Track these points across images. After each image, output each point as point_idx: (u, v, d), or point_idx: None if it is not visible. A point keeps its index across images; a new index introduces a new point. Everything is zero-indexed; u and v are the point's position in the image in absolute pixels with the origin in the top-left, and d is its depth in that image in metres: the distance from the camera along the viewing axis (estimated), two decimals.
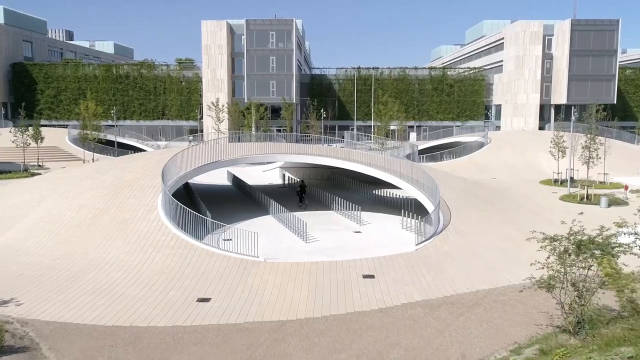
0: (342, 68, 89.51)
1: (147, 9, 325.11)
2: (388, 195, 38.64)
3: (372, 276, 21.22)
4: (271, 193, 41.28)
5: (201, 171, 31.89)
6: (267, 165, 56.10)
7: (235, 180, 46.07)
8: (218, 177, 51.22)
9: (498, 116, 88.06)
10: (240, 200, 39.97)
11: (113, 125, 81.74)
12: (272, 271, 21.78)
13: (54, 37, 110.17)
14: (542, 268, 15.21)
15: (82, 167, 39.27)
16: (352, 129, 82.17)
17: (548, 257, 15.55)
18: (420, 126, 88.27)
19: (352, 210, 33.10)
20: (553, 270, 15.17)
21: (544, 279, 15.09)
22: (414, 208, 32.87)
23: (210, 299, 19.05)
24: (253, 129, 60.90)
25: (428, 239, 25.65)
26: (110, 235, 24.77)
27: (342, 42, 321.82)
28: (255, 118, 74.06)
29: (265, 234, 29.12)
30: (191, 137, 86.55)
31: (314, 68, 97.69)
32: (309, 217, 33.15)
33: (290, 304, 18.42)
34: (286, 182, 47.15)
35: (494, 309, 17.92)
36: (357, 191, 42.39)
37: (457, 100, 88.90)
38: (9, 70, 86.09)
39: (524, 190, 42.69)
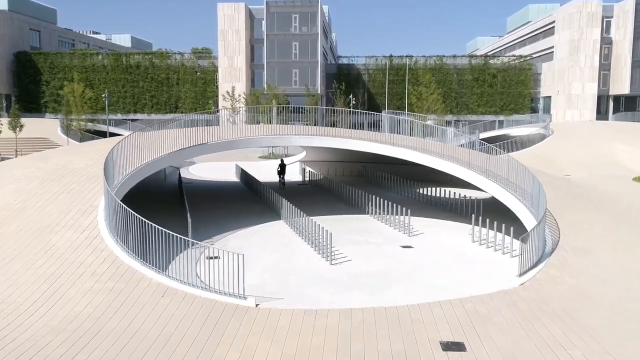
0: (372, 57, 78.72)
1: (166, 1, 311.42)
2: (441, 195, 27.93)
3: (460, 345, 10.55)
4: (287, 192, 30.89)
5: (179, 158, 21.59)
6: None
7: (244, 175, 35.79)
8: (225, 172, 41.12)
9: (547, 109, 76.29)
10: (247, 201, 29.67)
11: (127, 120, 72.48)
12: (265, 330, 11.28)
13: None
14: None
15: (29, 155, 29.31)
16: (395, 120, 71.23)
17: None
18: (458, 121, 76.94)
19: (396, 214, 22.55)
20: None
21: None
22: (481, 211, 22.28)
23: None
24: (273, 111, 50.70)
25: (536, 265, 14.90)
26: (8, 254, 14.57)
27: (370, 36, 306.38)
28: (274, 102, 63.54)
29: (271, 249, 18.82)
30: None
31: (340, 57, 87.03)
32: (335, 224, 22.67)
33: None
34: (307, 178, 36.70)
35: None
36: (398, 190, 31.75)
37: (500, 92, 77.40)
38: (12, 60, 77.46)
39: (621, 190, 31.47)
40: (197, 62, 77.72)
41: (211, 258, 18.13)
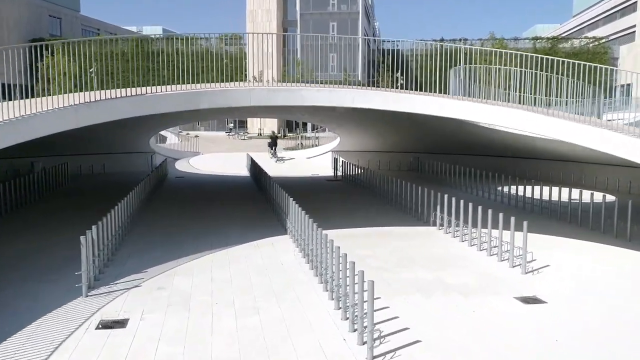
0: (422, 40, 67.55)
1: None
2: (543, 196, 17.22)
3: None
4: (308, 191, 20.78)
5: (91, 115, 11.48)
6: (313, 150, 35.67)
7: (253, 168, 25.75)
8: (236, 165, 31.33)
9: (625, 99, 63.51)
10: (248, 203, 19.68)
11: None
12: None
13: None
14: None
15: None
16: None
17: None
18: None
19: (492, 227, 11.98)
20: None
21: None
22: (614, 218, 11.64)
23: None
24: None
25: None
26: None
27: (414, 28, 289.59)
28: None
29: (247, 304, 8.55)
30: (231, 125, 67.87)
31: (384, 40, 76.19)
32: (381, 244, 12.43)
33: None
34: (339, 172, 26.33)
35: None
36: (469, 188, 21.14)
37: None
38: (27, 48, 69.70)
39: None
40: (225, 47, 68.50)
41: (107, 327, 8.10)
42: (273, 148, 34.46)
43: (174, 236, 13.82)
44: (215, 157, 35.35)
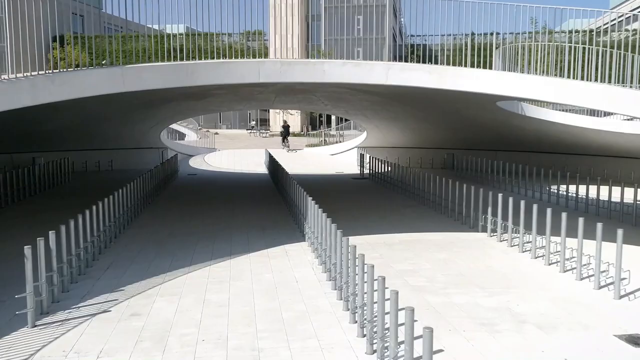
0: (450, 35, 64.63)
1: None
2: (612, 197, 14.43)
3: None
4: (332, 190, 18.34)
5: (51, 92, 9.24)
6: (337, 146, 33.16)
7: (271, 165, 23.34)
8: (256, 163, 29.06)
9: None
10: (267, 203, 17.29)
11: None
12: None
13: None
14: None
15: None
16: None
17: None
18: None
19: (548, 232, 9.30)
20: None
21: None
22: None
23: None
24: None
25: None
26: None
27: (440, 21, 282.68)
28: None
29: (244, 341, 5.77)
30: (252, 123, 65.93)
31: (411, 36, 73.49)
32: (421, 256, 9.79)
33: None
34: (366, 169, 23.73)
35: None
36: (512, 186, 18.42)
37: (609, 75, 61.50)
38: (48, 46, 68.83)
39: None
40: (247, 43, 66.54)
41: None
42: (285, 138, 34.80)
43: (170, 243, 11.47)
44: (233, 153, 33.11)
